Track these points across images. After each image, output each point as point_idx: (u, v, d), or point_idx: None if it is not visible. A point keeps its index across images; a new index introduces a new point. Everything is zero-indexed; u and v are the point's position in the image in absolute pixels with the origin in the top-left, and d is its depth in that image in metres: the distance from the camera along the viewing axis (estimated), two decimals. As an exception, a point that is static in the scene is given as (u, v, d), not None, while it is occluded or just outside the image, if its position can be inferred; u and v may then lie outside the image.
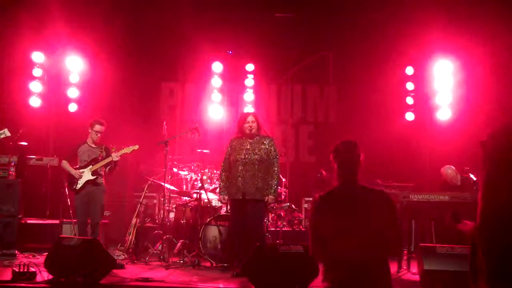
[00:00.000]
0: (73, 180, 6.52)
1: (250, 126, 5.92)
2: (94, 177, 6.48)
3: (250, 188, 5.78)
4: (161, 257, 6.54)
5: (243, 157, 5.86)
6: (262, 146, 5.92)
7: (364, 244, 2.91)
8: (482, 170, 2.51)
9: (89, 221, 6.49)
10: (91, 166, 6.51)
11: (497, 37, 7.83)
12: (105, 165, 6.55)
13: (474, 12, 7.98)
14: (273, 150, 5.95)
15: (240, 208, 5.85)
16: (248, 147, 5.91)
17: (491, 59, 8.06)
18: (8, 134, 6.51)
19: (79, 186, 6.47)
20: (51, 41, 8.90)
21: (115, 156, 6.45)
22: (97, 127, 6.58)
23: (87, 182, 6.48)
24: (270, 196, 5.85)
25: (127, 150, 6.57)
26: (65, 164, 6.61)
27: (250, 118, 5.97)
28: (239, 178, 5.82)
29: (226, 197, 6.02)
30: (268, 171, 5.91)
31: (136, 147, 6.64)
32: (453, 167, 7.33)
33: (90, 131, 6.60)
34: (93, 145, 6.64)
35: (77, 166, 6.57)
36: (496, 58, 8.03)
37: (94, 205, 6.48)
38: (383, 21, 8.79)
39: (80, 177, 6.48)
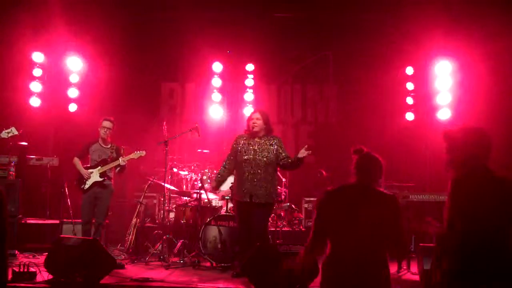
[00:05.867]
0: (82, 179, 6.57)
1: (254, 123, 5.84)
2: (102, 179, 6.54)
3: (258, 191, 5.66)
4: (161, 257, 6.54)
5: (252, 157, 5.74)
6: (271, 147, 5.81)
7: (362, 243, 2.93)
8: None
9: (93, 221, 6.52)
10: (99, 168, 6.56)
11: (496, 38, 7.83)
12: (114, 167, 6.63)
13: (473, 12, 7.97)
14: (281, 150, 5.83)
15: (246, 211, 5.69)
16: (256, 147, 5.79)
17: (491, 60, 8.05)
18: (16, 132, 6.48)
19: (87, 186, 6.53)
20: (51, 41, 8.88)
21: (121, 161, 6.56)
22: (105, 123, 6.66)
23: (95, 183, 6.55)
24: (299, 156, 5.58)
25: (134, 156, 6.66)
26: (76, 161, 6.66)
27: (254, 115, 5.91)
28: (247, 181, 5.69)
29: (218, 188, 6.12)
30: (277, 173, 5.90)
31: (143, 153, 6.70)
32: None
33: (99, 128, 6.67)
34: (103, 145, 6.69)
35: (88, 166, 6.62)
36: (495, 59, 8.03)
37: (100, 206, 6.55)
38: (383, 21, 8.78)
39: (89, 177, 6.52)
